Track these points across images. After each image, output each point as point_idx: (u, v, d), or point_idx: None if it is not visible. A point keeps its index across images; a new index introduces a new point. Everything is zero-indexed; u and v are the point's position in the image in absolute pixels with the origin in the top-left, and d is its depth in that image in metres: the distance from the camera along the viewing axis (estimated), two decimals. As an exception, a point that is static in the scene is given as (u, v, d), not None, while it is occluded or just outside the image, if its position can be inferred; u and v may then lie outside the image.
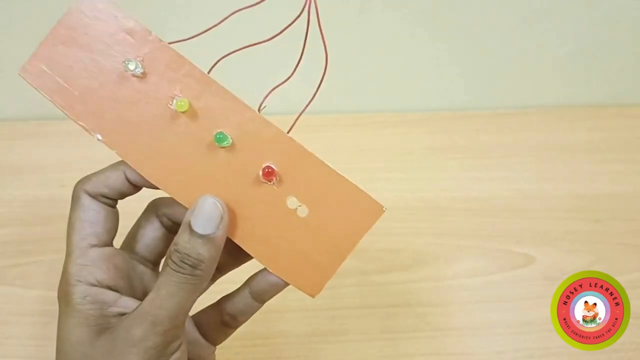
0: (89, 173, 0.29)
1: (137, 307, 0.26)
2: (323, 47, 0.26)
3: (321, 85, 0.27)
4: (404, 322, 0.47)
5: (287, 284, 0.29)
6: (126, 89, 0.28)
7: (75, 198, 0.28)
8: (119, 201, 0.30)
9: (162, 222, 0.31)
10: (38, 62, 0.28)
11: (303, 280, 0.29)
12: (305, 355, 0.45)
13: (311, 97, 0.28)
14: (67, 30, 0.28)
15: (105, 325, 0.26)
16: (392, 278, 0.49)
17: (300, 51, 0.27)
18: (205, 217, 0.26)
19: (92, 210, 0.28)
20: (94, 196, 0.28)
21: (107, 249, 0.29)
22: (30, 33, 0.57)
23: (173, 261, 0.26)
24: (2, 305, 0.47)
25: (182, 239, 0.26)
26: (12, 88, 0.59)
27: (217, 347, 0.32)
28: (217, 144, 0.28)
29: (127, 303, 0.27)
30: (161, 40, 0.28)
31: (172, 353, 0.26)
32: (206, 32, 0.27)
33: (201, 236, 0.26)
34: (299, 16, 0.26)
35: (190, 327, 0.31)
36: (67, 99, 0.28)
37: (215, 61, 0.28)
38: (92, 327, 0.26)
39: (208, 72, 0.28)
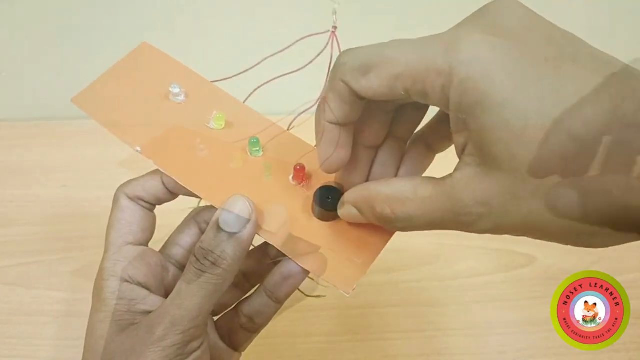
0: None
1: (159, 306, 0.27)
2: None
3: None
4: (404, 322, 0.47)
5: (300, 280, 0.29)
6: (167, 109, 0.31)
7: (115, 200, 0.30)
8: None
9: (200, 229, 0.32)
10: (91, 92, 0.31)
11: (337, 276, 0.28)
12: (306, 355, 0.45)
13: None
14: (123, 68, 0.31)
15: (131, 321, 0.27)
16: (393, 278, 0.49)
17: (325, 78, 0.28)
18: (233, 215, 0.27)
19: (130, 210, 0.30)
20: (132, 198, 0.30)
21: (142, 248, 0.30)
22: (30, 35, 0.57)
23: (196, 259, 0.26)
24: (3, 305, 0.47)
25: (208, 236, 0.26)
26: (12, 88, 0.59)
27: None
28: (249, 147, 0.30)
29: (155, 301, 0.28)
30: (204, 78, 0.31)
31: (192, 352, 0.26)
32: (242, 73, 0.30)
33: (227, 234, 0.26)
34: (321, 52, 0.27)
35: (210, 331, 0.31)
36: (111, 119, 0.31)
37: (250, 91, 0.31)
38: (117, 322, 0.27)
39: (244, 102, 0.31)
